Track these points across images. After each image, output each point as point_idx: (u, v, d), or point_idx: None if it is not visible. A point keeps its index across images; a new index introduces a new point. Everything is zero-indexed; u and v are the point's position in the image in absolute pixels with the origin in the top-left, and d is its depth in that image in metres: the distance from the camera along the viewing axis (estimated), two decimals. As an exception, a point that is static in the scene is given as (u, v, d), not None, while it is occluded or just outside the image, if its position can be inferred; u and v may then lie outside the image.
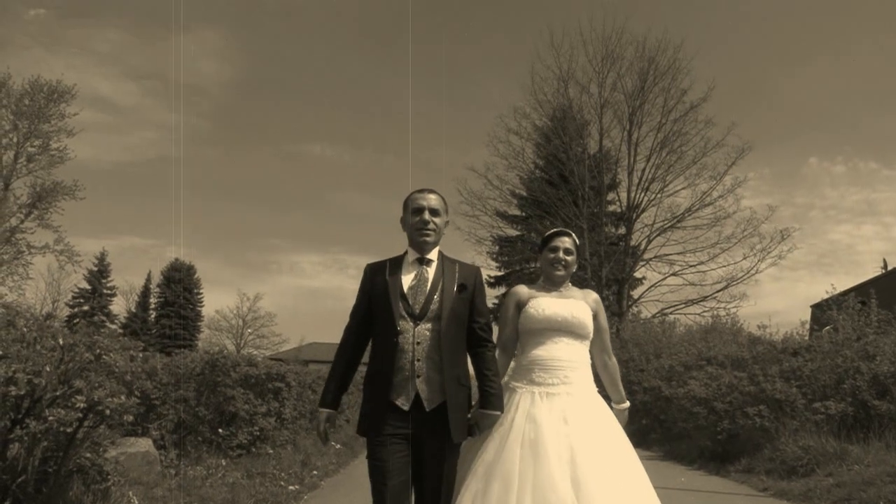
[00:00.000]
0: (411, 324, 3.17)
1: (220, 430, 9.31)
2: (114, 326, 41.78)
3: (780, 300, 60.03)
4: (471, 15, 62.50)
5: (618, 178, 34.15)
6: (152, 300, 52.65)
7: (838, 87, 63.24)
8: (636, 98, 31.75)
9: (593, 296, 3.87)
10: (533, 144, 34.16)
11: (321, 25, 71.27)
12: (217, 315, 52.65)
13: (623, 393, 3.94)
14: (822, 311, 16.82)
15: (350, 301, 3.33)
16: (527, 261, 34.07)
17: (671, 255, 31.74)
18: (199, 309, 52.80)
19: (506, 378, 3.60)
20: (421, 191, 3.37)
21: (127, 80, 72.12)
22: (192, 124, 74.42)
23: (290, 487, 8.12)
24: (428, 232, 3.29)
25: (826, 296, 16.80)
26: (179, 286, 50.41)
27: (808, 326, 16.88)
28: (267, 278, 79.55)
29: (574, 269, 3.84)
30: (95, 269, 50.79)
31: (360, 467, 2.78)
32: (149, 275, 53.99)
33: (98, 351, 5.03)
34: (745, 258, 29.63)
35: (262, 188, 78.07)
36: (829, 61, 61.22)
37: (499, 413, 3.27)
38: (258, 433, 9.65)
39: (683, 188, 31.61)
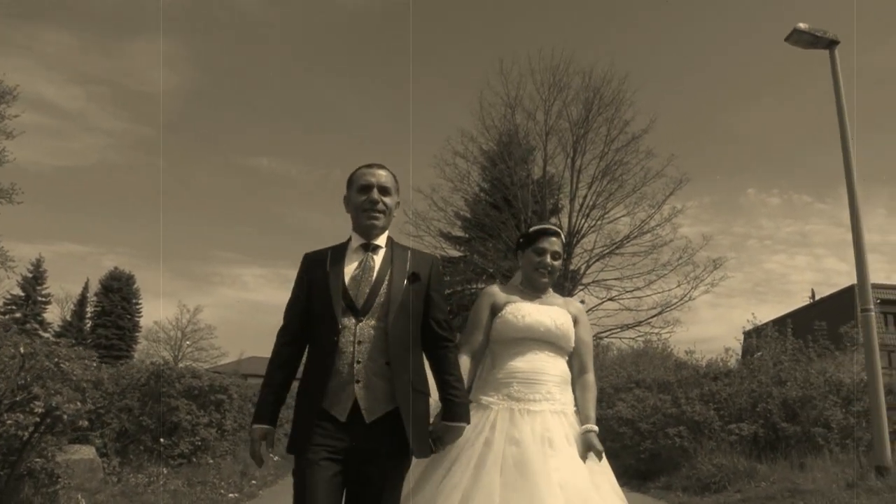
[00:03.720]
0: (353, 320, 2.71)
1: (161, 440, 9.54)
2: (47, 335, 40.90)
3: (717, 326, 62.02)
4: (422, 39, 63.23)
5: (560, 204, 34.94)
6: (89, 309, 51.72)
7: (776, 124, 65.82)
8: (580, 127, 32.60)
9: (576, 305, 3.50)
10: (479, 167, 34.77)
11: (275, 39, 71.17)
12: (155, 326, 51.86)
13: (594, 416, 3.22)
14: (750, 339, 17.79)
15: None
16: (468, 281, 34.61)
17: (609, 280, 32.49)
18: (136, 319, 51.95)
19: (471, 392, 3.21)
20: (369, 165, 2.93)
21: (73, 85, 70.97)
22: (138, 132, 73.50)
23: (230, 495, 8.44)
24: (376, 214, 2.85)
25: (748, 325, 17.74)
26: (117, 296, 49.66)
27: (731, 353, 17.82)
28: (209, 290, 78.51)
29: (558, 274, 3.48)
30: (30, 275, 49.71)
31: None
32: (86, 283, 53.13)
33: (56, 360, 5.35)
34: (678, 285, 30.64)
35: (207, 199, 77.14)
36: (769, 100, 63.75)
37: (465, 425, 2.87)
38: (199, 443, 9.92)
39: (623, 216, 32.45)
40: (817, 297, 46.97)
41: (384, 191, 2.87)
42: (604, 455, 3.04)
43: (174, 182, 74.70)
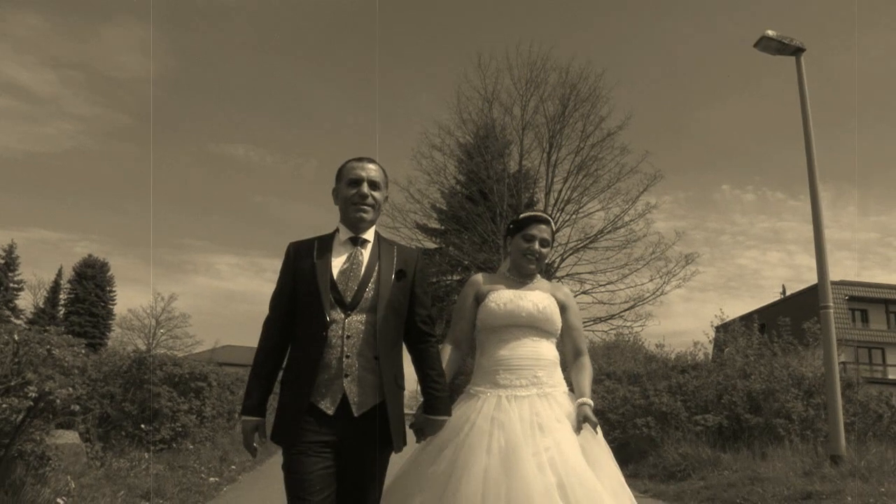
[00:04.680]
0: (342, 314, 2.73)
1: (142, 426, 9.74)
2: (19, 322, 40.61)
3: (689, 320, 63.08)
4: (402, 31, 63.35)
5: (535, 198, 35.31)
6: (62, 296, 51.35)
7: (751, 122, 66.91)
8: (557, 122, 33.00)
9: (563, 289, 3.48)
10: (455, 160, 35.07)
11: (251, 28, 70.92)
12: (129, 314, 51.67)
13: (588, 392, 3.21)
14: (720, 334, 18.29)
15: (266, 305, 2.88)
16: (443, 273, 34.90)
17: (582, 273, 33.03)
18: (110, 307, 51.70)
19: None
20: (359, 159, 2.93)
21: (45, 69, 70.11)
22: (112, 118, 72.92)
23: (211, 479, 8.67)
24: (365, 207, 2.86)
25: (716, 321, 18.23)
26: (91, 283, 49.33)
27: (699, 347, 18.30)
28: (182, 279, 78.42)
29: (546, 261, 3.50)
30: (2, 261, 49.30)
31: (275, 465, 2.49)
32: (60, 270, 52.68)
33: (48, 346, 5.56)
34: (651, 280, 31.14)
35: (181, 187, 76.96)
36: (744, 98, 64.63)
37: (446, 418, 2.91)
38: (180, 429, 10.14)
39: (597, 210, 32.97)
40: (788, 293, 47.87)
41: (374, 185, 2.88)
42: (599, 428, 3.05)
43: (148, 169, 74.27)
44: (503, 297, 3.24)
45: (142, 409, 9.74)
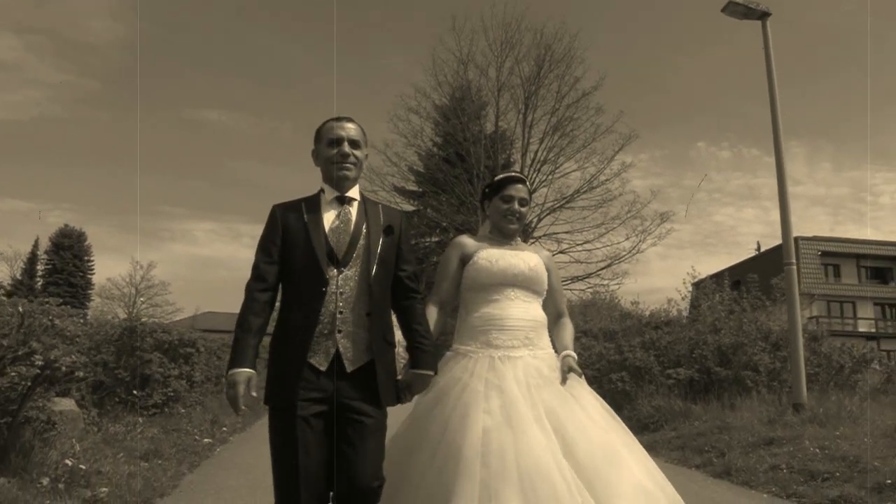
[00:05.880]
0: (334, 271, 2.74)
1: (135, 392, 10.05)
2: (-2, 292, 40.30)
3: (667, 277, 64.03)
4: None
5: (512, 159, 35.56)
6: (40, 267, 50.97)
7: (726, 78, 67.27)
8: (532, 83, 33.18)
9: (545, 252, 3.51)
10: (432, 123, 35.20)
11: (221, -12, 69.68)
12: (109, 283, 51.52)
13: (571, 346, 3.28)
14: (695, 291, 18.83)
15: (244, 271, 2.81)
16: (422, 235, 35.19)
17: (560, 233, 33.53)
18: (89, 277, 51.44)
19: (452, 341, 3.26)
20: (338, 119, 2.94)
21: (9, 34, 68.65)
22: (81, 84, 71.79)
23: (205, 441, 9.03)
24: (348, 166, 2.87)
25: (688, 278, 18.75)
26: (69, 253, 48.98)
27: (673, 304, 18.84)
28: (159, 246, 77.85)
29: (526, 221, 3.52)
30: (-25, 232, 48.82)
31: (264, 427, 2.53)
32: (36, 241, 52.15)
33: (51, 317, 5.85)
34: (627, 238, 31.65)
35: (154, 153, 75.89)
36: (719, 54, 64.93)
37: (433, 373, 2.90)
38: (171, 394, 10.48)
39: (574, 171, 33.39)
40: (763, 249, 48.82)
41: (354, 144, 2.89)
42: (584, 377, 3.11)
43: (119, 136, 73.43)
44: (494, 255, 3.24)
45: (133, 375, 10.04)
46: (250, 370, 2.64)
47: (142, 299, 50.93)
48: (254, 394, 2.65)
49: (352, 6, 63.80)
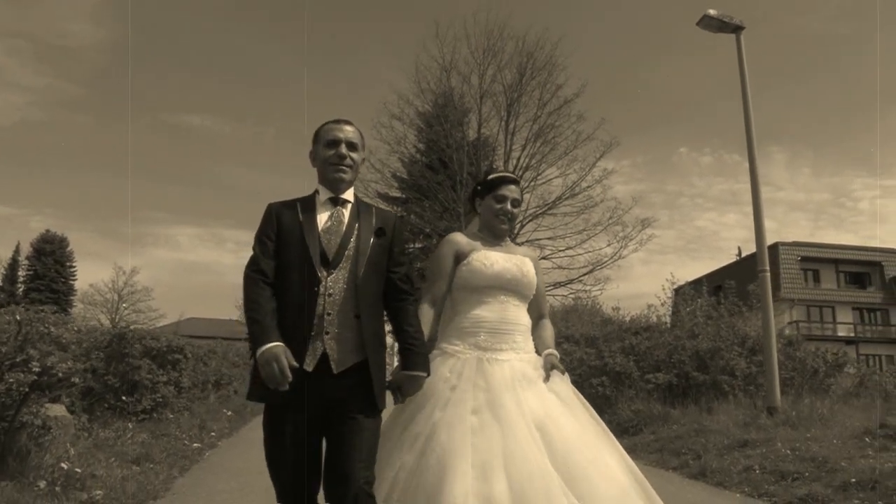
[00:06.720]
0: (324, 272, 2.74)
1: (124, 398, 10.18)
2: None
3: (649, 283, 64.61)
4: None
5: (494, 166, 35.55)
6: (21, 273, 50.62)
7: (707, 84, 68.05)
8: (514, 90, 33.41)
9: (532, 253, 3.53)
10: (415, 129, 35.34)
11: (203, -7, 69.60)
12: (91, 289, 51.20)
13: (553, 345, 3.34)
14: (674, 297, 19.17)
15: (228, 276, 2.81)
16: (405, 241, 35.23)
17: (542, 239, 33.59)
18: (71, 282, 51.14)
19: (436, 341, 3.26)
20: (336, 121, 2.96)
21: (-12, 38, 68.16)
22: (62, 88, 71.43)
23: (194, 445, 9.20)
24: (344, 168, 2.90)
25: (667, 285, 19.08)
26: (50, 259, 48.68)
27: (653, 310, 19.16)
28: (142, 251, 77.31)
29: (517, 221, 3.46)
30: (-45, 238, 48.51)
31: (251, 431, 2.41)
32: (17, 246, 51.78)
33: (47, 325, 6.02)
34: (609, 245, 31.93)
35: (136, 158, 75.66)
36: (700, 60, 65.62)
37: (425, 375, 2.88)
38: (160, 400, 10.62)
39: (556, 177, 33.56)
40: (744, 254, 49.43)
41: (351, 146, 2.92)
42: (567, 375, 3.15)
43: (101, 140, 73.05)
44: (490, 258, 3.23)
45: (123, 381, 10.17)
46: (280, 342, 2.58)
47: (125, 305, 50.66)
48: (294, 363, 2.58)
49: (336, 12, 63.97)
